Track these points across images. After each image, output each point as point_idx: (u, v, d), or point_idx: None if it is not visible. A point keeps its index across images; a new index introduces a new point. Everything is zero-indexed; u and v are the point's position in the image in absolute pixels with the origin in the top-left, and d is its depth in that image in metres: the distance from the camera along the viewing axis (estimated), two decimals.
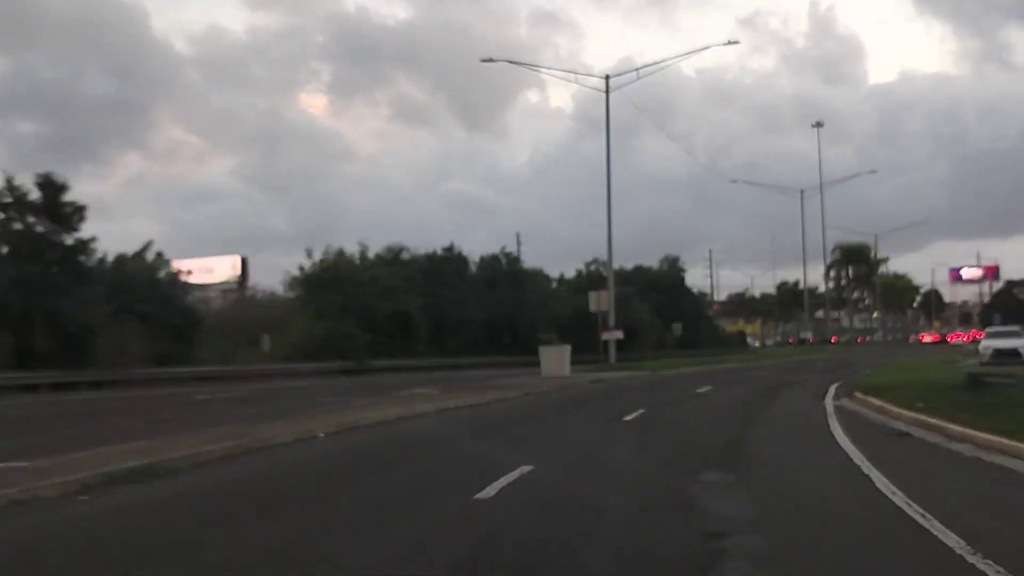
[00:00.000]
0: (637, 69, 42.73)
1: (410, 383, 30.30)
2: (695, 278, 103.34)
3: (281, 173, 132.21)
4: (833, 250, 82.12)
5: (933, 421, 14.56)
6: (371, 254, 56.71)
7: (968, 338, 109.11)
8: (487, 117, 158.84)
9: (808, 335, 72.14)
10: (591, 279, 74.78)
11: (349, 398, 22.22)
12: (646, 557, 6.28)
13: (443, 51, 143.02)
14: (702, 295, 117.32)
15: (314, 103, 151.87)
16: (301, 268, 52.95)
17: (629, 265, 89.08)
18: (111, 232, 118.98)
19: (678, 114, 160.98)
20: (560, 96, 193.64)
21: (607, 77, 42.87)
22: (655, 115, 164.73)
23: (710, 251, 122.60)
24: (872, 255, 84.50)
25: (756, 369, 41.08)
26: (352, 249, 55.04)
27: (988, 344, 36.82)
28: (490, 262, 65.14)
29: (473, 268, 64.87)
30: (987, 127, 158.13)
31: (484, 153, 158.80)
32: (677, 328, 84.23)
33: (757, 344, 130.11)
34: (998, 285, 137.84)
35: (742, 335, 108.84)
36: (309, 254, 52.55)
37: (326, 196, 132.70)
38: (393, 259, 55.68)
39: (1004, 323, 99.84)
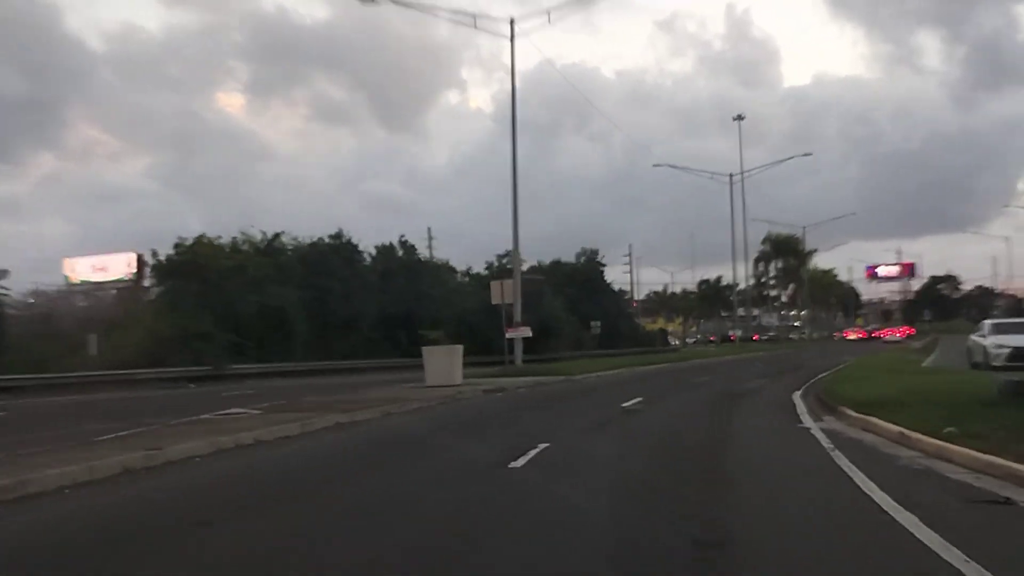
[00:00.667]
0: (548, 12, 35.87)
1: (246, 398, 22.97)
2: (615, 276, 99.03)
3: (198, 173, 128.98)
4: (764, 240, 77.37)
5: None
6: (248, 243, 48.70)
7: (903, 334, 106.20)
8: (407, 117, 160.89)
9: (736, 332, 66.70)
10: (502, 273, 67.93)
11: (103, 425, 14.75)
12: None
13: (362, 50, 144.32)
14: (623, 293, 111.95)
15: (232, 102, 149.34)
16: (155, 254, 44.81)
17: (548, 260, 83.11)
18: (22, 233, 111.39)
19: (598, 115, 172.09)
20: (480, 96, 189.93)
21: (512, 20, 36.01)
22: (574, 116, 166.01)
23: (630, 246, 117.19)
24: (801, 247, 79.66)
25: (688, 372, 34.76)
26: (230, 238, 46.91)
27: (1002, 341, 26.87)
28: (385, 252, 57.61)
29: (368, 259, 57.32)
30: (898, 129, 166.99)
31: (404, 153, 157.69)
32: (596, 326, 78.16)
33: (676, 343, 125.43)
34: (915, 282, 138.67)
35: (664, 333, 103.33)
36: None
37: (244, 196, 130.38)
38: (267, 247, 47.69)
39: (962, 319, 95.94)
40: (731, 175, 62.74)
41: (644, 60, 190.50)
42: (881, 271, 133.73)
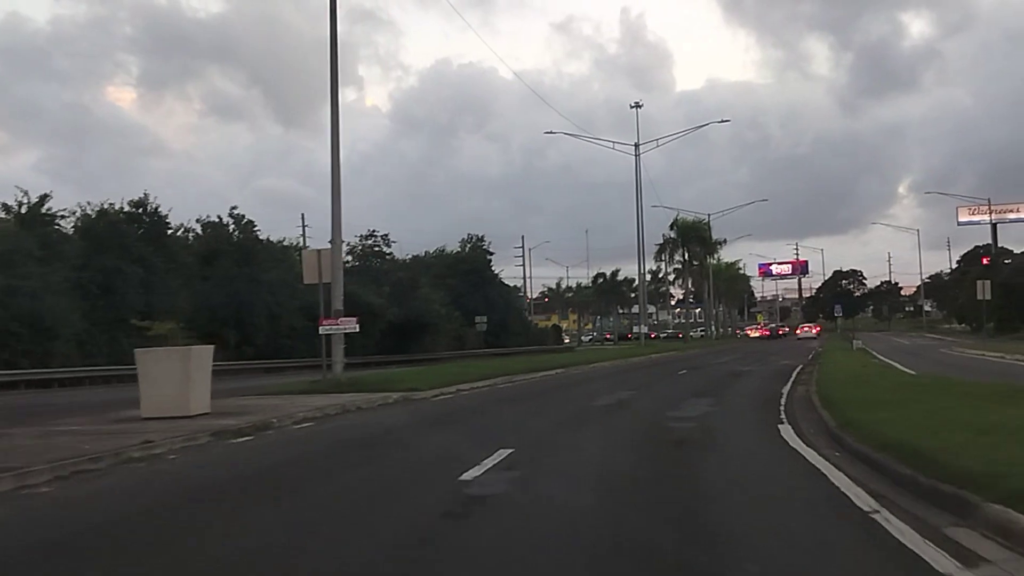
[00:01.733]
0: None
1: None
2: (510, 273, 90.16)
3: (88, 168, 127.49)
4: (672, 225, 68.55)
5: None
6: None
7: (817, 331, 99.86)
8: (304, 113, 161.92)
9: (636, 330, 57.63)
10: (366, 255, 57.16)
11: None
12: None
13: (258, 46, 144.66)
14: (516, 289, 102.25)
15: (122, 96, 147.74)
16: None
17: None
18: None
19: (495, 116, 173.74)
20: (377, 94, 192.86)
21: None
22: (470, 116, 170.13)
23: (522, 238, 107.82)
24: (708, 235, 71.38)
25: (587, 383, 25.01)
26: None
27: None
28: (212, 230, 45.97)
29: (191, 239, 45.69)
30: (788, 134, 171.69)
31: (301, 149, 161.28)
32: (481, 322, 68.15)
33: (567, 341, 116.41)
34: (814, 278, 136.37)
35: (557, 331, 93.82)
36: None
37: (136, 191, 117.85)
38: (33, 217, 35.63)
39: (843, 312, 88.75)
40: (636, 144, 53.46)
41: (542, 61, 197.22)
42: (774, 269, 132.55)
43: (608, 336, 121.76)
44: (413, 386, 20.55)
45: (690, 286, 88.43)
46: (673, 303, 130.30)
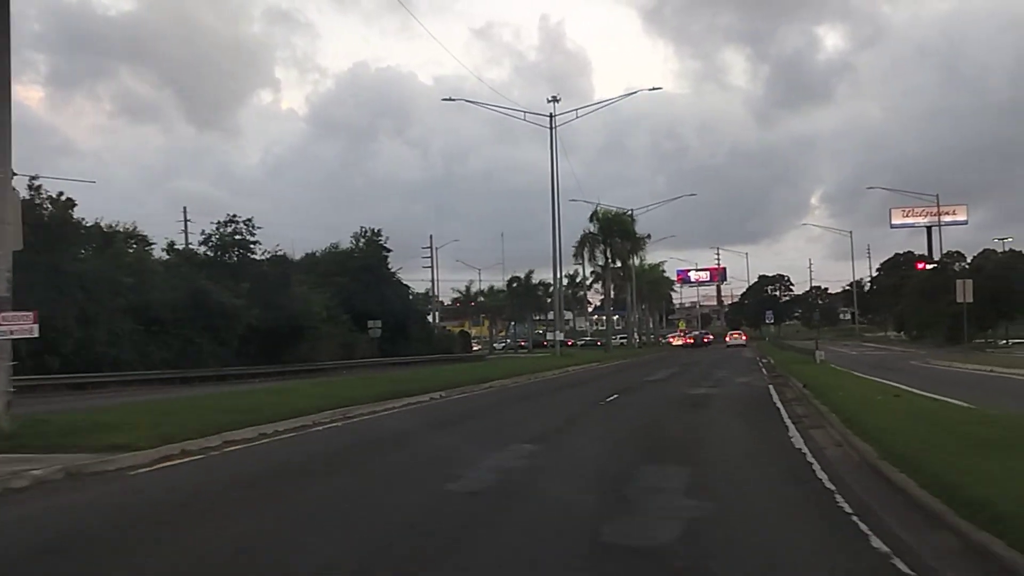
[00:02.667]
0: None
1: None
2: (424, 276, 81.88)
3: None
4: (592, 217, 60.22)
5: None
6: None
7: (745, 338, 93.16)
8: (218, 115, 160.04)
9: (560, 336, 49.38)
10: (224, 246, 47.28)
11: None
12: None
13: (171, 46, 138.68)
14: (426, 295, 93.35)
15: (30, 95, 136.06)
16: None
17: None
18: None
19: (415, 120, 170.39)
20: (293, 97, 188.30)
21: None
22: (389, 120, 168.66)
23: (431, 237, 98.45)
24: (633, 230, 63.34)
25: (473, 419, 16.33)
26: None
27: None
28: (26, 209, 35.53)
29: None
30: (704, 144, 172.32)
31: (214, 152, 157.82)
32: (375, 327, 58.78)
33: (479, 349, 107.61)
34: (737, 284, 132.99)
35: (465, 337, 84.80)
36: None
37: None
38: None
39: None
40: (551, 115, 44.92)
41: (461, 67, 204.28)
42: (693, 275, 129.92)
43: (522, 343, 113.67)
44: (130, 441, 11.18)
45: (611, 292, 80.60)
46: (591, 309, 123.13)
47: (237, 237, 47.24)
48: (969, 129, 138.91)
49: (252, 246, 47.73)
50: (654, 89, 63.91)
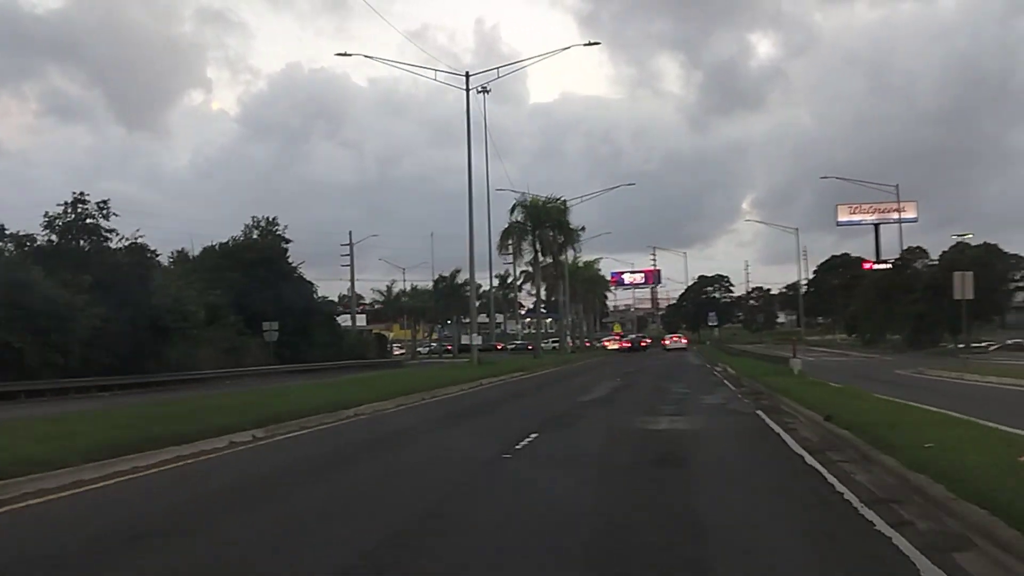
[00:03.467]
0: None
1: None
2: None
3: None
4: (512, 208, 52.59)
5: None
6: None
7: (686, 341, 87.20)
8: (147, 115, 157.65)
9: (476, 340, 41.91)
10: (70, 231, 38.74)
11: None
12: None
13: (100, 44, 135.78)
14: (343, 299, 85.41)
15: None
16: None
17: None
18: None
19: (349, 122, 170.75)
20: (224, 98, 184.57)
21: None
22: (323, 122, 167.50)
23: (349, 233, 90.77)
24: (566, 220, 56.16)
25: (296, 486, 8.85)
26: None
27: None
28: None
29: None
30: (639, 149, 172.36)
31: (144, 152, 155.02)
32: (270, 330, 51.06)
33: (402, 353, 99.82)
34: (661, 289, 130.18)
35: (381, 341, 76.90)
36: None
37: None
38: None
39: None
40: (467, 74, 37.35)
41: (397, 69, 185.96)
42: (627, 278, 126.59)
43: (448, 348, 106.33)
44: None
45: (542, 292, 73.53)
46: (524, 311, 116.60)
47: (88, 221, 38.78)
48: (897, 136, 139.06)
49: (107, 234, 39.30)
50: (590, 44, 57.48)
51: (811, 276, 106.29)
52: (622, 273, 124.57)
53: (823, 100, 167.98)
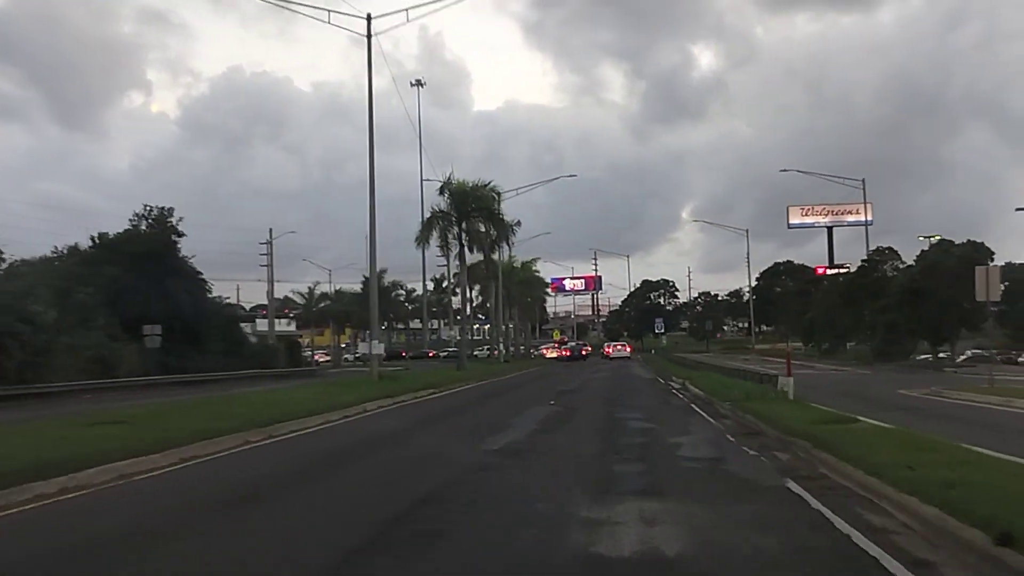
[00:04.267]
0: None
1: None
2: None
3: None
4: (441, 189, 44.79)
5: None
6: None
7: (629, 350, 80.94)
8: (84, 115, 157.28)
9: (377, 348, 34.64)
10: None
11: None
12: None
13: (38, 43, 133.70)
14: (257, 309, 77.38)
15: None
16: None
17: None
18: None
19: (291, 127, 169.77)
20: (164, 100, 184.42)
21: None
22: (265, 126, 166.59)
23: (270, 231, 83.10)
24: (498, 210, 48.83)
25: None
26: None
27: None
28: None
29: None
30: (582, 157, 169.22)
31: (80, 153, 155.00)
32: (151, 334, 43.45)
33: (326, 361, 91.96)
34: (603, 295, 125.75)
35: (294, 348, 68.90)
36: None
37: None
38: None
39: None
40: (369, 16, 29.75)
41: (341, 74, 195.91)
42: (568, 284, 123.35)
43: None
44: None
45: (474, 294, 66.65)
46: (458, 316, 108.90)
47: None
48: (835, 148, 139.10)
49: None
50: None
51: (755, 283, 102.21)
52: (563, 279, 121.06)
53: (762, 112, 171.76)
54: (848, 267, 76.42)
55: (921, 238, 66.62)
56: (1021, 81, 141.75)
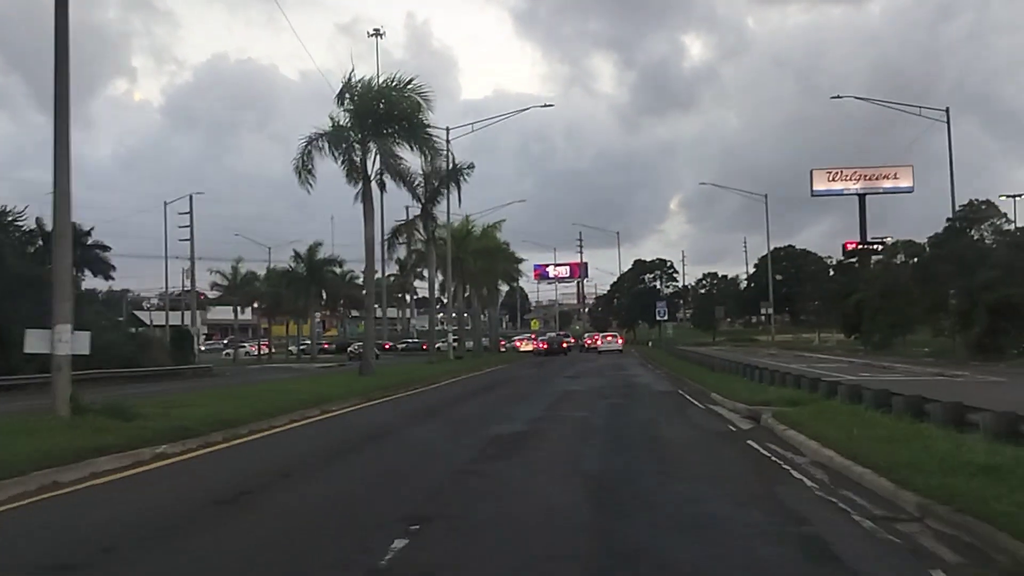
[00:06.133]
0: None
1: None
2: None
3: None
4: (338, 96, 27.83)
5: None
6: None
7: (621, 342, 65.85)
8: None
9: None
10: None
11: None
12: None
13: (20, 29, 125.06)
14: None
15: None
16: None
17: None
18: None
19: (278, 115, 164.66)
20: (147, 88, 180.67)
21: None
22: (251, 114, 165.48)
23: (190, 197, 66.34)
24: (448, 156, 33.32)
25: None
26: None
27: None
28: None
29: None
30: (571, 148, 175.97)
31: None
32: None
33: (251, 352, 76.58)
34: (589, 283, 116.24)
35: (183, 338, 52.66)
36: None
37: None
38: None
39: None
40: None
41: (327, 61, 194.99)
42: (552, 271, 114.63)
43: (326, 346, 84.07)
44: None
45: (379, 233, 51.06)
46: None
47: None
48: (824, 140, 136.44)
49: None
50: None
51: (752, 271, 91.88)
52: (546, 266, 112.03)
53: (751, 103, 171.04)
54: (889, 239, 61.50)
55: (1002, 196, 51.77)
56: (1011, 73, 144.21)
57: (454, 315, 50.94)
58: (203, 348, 72.84)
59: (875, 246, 60.45)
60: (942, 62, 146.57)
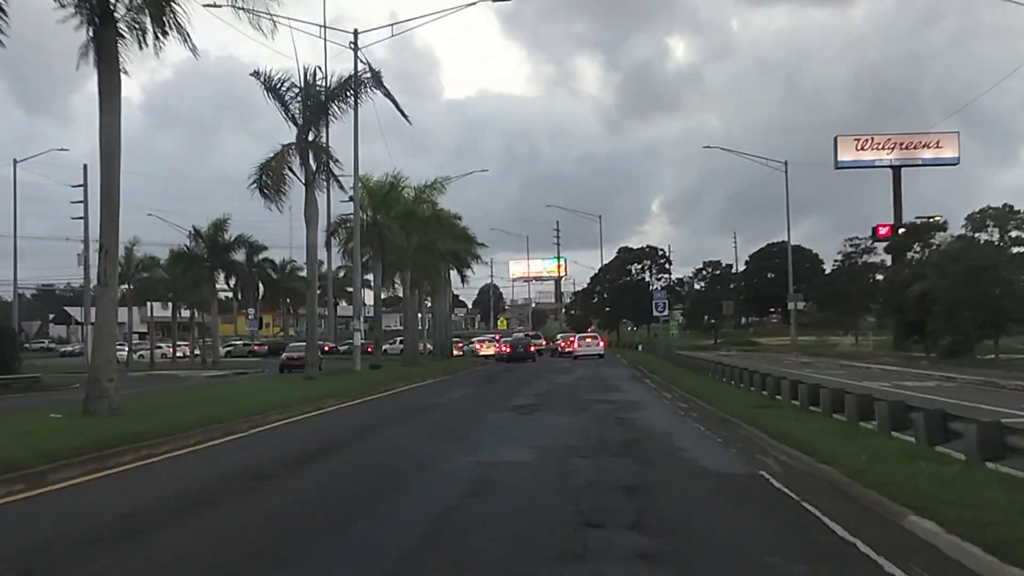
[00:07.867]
0: None
1: None
2: None
3: None
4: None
5: None
6: None
7: (602, 343, 55.29)
8: (48, 99, 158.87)
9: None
10: None
11: None
12: None
13: None
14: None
15: None
16: None
17: None
18: None
19: (258, 114, 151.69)
20: (128, 84, 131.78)
21: None
22: (232, 112, 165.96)
23: (84, 167, 51.87)
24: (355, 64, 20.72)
25: None
26: None
27: None
28: None
29: None
30: (556, 149, 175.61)
31: (44, 137, 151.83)
32: None
33: (167, 356, 62.44)
34: (566, 280, 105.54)
35: (5, 341, 38.26)
36: None
37: None
38: None
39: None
40: None
41: (308, 59, 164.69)
42: (525, 267, 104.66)
43: (256, 347, 71.51)
44: None
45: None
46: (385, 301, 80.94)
47: None
48: (806, 143, 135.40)
49: None
50: None
51: (742, 268, 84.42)
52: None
53: (734, 105, 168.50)
54: (938, 219, 48.51)
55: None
56: (993, 79, 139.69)
57: (370, 309, 37.01)
58: (125, 349, 58.65)
59: (934, 219, 46.60)
60: (925, 66, 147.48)
